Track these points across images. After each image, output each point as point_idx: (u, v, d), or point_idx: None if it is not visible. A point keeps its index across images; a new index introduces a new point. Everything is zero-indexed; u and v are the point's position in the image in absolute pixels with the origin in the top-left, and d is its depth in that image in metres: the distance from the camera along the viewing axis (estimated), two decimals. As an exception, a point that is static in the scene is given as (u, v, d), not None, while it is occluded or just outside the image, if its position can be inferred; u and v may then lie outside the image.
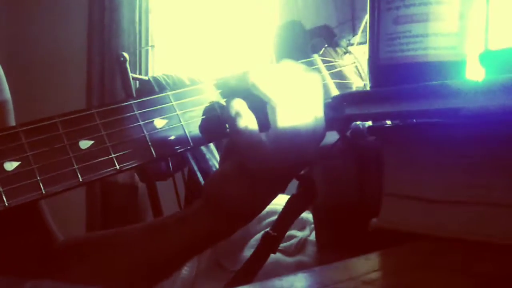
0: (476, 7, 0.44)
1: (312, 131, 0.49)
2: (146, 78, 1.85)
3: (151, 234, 0.57)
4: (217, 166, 1.63)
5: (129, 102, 0.48)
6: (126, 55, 1.72)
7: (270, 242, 0.57)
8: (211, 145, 1.60)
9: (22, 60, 2.58)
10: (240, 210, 0.53)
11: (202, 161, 1.61)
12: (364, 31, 0.61)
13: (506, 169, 0.39)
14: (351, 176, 0.66)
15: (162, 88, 1.76)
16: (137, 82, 1.86)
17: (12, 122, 0.59)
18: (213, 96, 0.51)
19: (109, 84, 2.47)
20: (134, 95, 1.72)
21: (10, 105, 0.60)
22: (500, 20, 0.45)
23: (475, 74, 0.43)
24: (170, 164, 1.70)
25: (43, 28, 2.72)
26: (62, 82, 2.65)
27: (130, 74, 1.72)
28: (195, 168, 1.63)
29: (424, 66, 0.45)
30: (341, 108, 0.47)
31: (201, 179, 1.59)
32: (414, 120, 0.45)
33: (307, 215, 1.19)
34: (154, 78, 1.81)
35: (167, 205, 1.72)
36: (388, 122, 0.48)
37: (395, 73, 0.46)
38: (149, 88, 1.77)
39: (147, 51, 2.57)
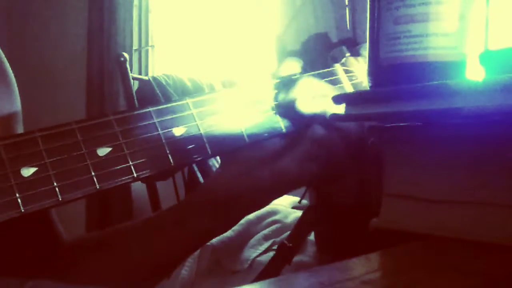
0: (476, 7, 0.44)
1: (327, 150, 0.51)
2: (146, 78, 1.85)
3: (150, 236, 0.57)
4: (217, 166, 1.63)
5: (147, 109, 0.47)
6: (126, 55, 1.72)
7: (285, 253, 0.57)
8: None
9: (22, 61, 2.58)
10: (248, 211, 0.55)
11: (202, 161, 1.61)
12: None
13: (506, 169, 0.39)
14: (351, 176, 0.65)
15: (162, 88, 1.76)
16: (136, 81, 1.86)
17: (21, 131, 0.59)
18: (232, 104, 0.51)
19: (109, 84, 2.47)
20: (135, 95, 1.72)
21: (21, 116, 0.60)
22: (500, 20, 0.45)
23: (475, 74, 0.43)
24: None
25: (43, 28, 2.72)
26: (62, 82, 2.65)
27: (130, 74, 1.72)
28: (195, 168, 1.63)
29: (424, 66, 0.45)
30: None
31: (201, 179, 1.59)
32: (414, 120, 0.45)
33: (307, 215, 1.19)
34: (154, 78, 1.81)
35: (167, 205, 1.72)
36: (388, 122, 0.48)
37: (395, 73, 0.46)
38: (149, 88, 1.77)
39: (147, 51, 2.57)
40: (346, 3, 1.81)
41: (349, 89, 0.58)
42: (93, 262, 0.58)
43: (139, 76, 1.96)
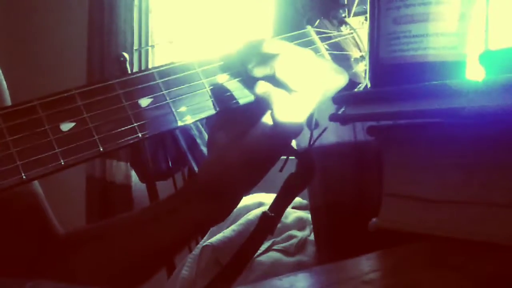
0: (476, 7, 0.44)
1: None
2: (146, 78, 1.85)
3: (145, 226, 0.57)
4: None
5: (111, 82, 0.46)
6: (126, 55, 1.72)
7: (268, 223, 0.56)
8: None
9: (22, 60, 2.58)
10: (240, 196, 0.55)
11: (202, 161, 1.61)
12: (360, 3, 0.61)
13: (505, 169, 0.39)
14: (351, 176, 0.65)
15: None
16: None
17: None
18: (200, 73, 0.50)
19: (109, 84, 2.47)
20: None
21: (6, 93, 0.60)
22: (500, 20, 0.45)
23: (475, 74, 0.43)
24: (170, 163, 1.70)
25: (43, 28, 2.72)
26: (62, 82, 2.65)
27: (130, 74, 1.72)
28: (195, 168, 1.63)
29: (424, 66, 0.44)
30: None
31: (201, 179, 1.59)
32: (414, 120, 0.45)
33: (307, 215, 1.19)
34: (154, 78, 1.81)
35: (167, 205, 1.72)
36: (388, 122, 0.48)
37: (395, 73, 0.46)
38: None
39: (147, 51, 2.57)
40: (346, 2, 1.81)
41: (323, 50, 0.57)
42: (88, 252, 0.58)
43: (139, 76, 1.96)
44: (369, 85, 0.49)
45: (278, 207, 0.56)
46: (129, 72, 1.71)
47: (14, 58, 2.52)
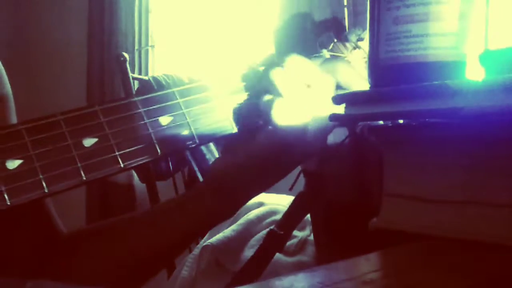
0: (476, 7, 0.44)
1: (305, 130, 0.50)
2: (146, 78, 1.85)
3: (153, 220, 0.58)
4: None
5: (133, 99, 0.47)
6: (126, 55, 1.72)
7: (276, 241, 0.56)
8: (211, 145, 1.60)
9: (22, 60, 2.58)
10: (248, 197, 0.55)
11: (202, 161, 1.61)
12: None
13: (506, 169, 0.39)
14: (351, 176, 0.65)
15: (162, 88, 1.76)
16: (136, 81, 1.86)
17: (13, 119, 0.59)
18: (219, 93, 0.51)
19: (109, 84, 2.48)
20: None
21: (11, 101, 0.60)
22: (500, 20, 0.45)
23: (475, 74, 0.43)
24: (170, 164, 1.70)
25: (43, 28, 2.72)
26: (62, 82, 2.65)
27: (130, 74, 1.72)
28: (195, 168, 1.63)
29: (424, 66, 0.44)
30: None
31: (201, 179, 1.59)
32: (414, 120, 0.45)
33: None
34: (154, 78, 1.81)
35: (167, 205, 1.71)
36: (388, 122, 0.48)
37: (395, 73, 0.46)
38: (149, 88, 1.77)
39: (147, 51, 2.57)
40: (345, 3, 1.81)
41: None
42: (95, 250, 0.58)
43: (139, 76, 1.96)
44: (369, 85, 0.49)
45: (287, 225, 0.56)
46: (130, 73, 1.71)
47: (15, 58, 2.52)
